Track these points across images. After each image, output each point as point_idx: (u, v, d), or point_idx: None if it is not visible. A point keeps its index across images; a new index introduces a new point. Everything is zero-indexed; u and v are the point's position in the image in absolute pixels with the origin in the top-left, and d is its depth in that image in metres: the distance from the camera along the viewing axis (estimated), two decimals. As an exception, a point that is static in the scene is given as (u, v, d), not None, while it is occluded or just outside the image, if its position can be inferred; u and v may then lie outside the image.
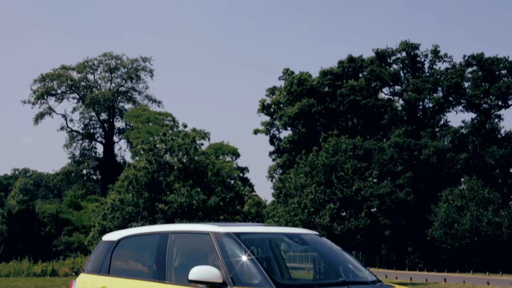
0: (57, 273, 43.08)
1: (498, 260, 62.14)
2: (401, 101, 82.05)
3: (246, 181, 79.92)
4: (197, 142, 40.07)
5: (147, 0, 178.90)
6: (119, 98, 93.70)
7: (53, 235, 69.03)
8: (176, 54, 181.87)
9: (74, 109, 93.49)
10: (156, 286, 7.28)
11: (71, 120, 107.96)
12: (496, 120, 77.95)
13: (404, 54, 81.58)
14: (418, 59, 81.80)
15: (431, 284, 37.09)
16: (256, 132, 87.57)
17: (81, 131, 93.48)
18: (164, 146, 38.02)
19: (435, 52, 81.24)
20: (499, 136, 76.73)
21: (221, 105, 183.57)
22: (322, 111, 77.66)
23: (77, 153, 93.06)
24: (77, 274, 38.26)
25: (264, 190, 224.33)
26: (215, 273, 6.53)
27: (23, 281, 35.30)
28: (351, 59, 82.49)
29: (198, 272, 6.53)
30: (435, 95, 78.69)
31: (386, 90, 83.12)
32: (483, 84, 77.52)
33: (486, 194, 63.77)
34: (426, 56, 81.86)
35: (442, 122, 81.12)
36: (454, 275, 53.08)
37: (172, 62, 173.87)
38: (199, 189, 35.98)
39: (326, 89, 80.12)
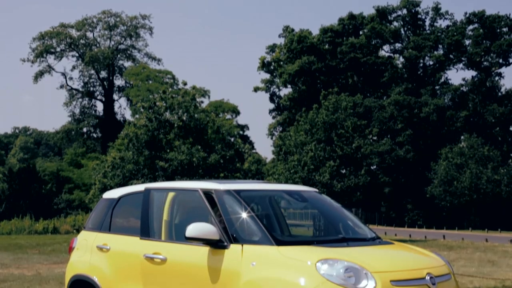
0: (59, 231, 43.32)
1: (497, 218, 62.46)
2: (401, 59, 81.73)
3: (246, 139, 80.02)
4: (197, 99, 39.87)
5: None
6: (119, 56, 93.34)
7: (54, 193, 69.20)
8: (175, 11, 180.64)
9: (74, 67, 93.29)
10: (153, 244, 7.33)
11: (71, 78, 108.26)
12: (496, 78, 77.84)
13: (405, 11, 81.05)
14: (419, 16, 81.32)
15: (430, 241, 37.30)
16: (256, 89, 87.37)
17: (80, 89, 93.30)
18: (164, 104, 37.89)
19: (436, 9, 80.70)
20: (500, 94, 76.64)
21: (221, 63, 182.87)
22: (322, 69, 77.35)
23: (77, 111, 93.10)
24: (78, 231, 38.44)
25: (264, 148, 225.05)
26: (211, 230, 6.54)
27: (24, 239, 35.49)
28: (351, 16, 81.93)
29: (194, 229, 6.53)
30: (435, 52, 78.35)
31: (386, 47, 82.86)
32: (484, 41, 77.16)
33: (485, 152, 63.89)
34: (427, 13, 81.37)
35: (442, 80, 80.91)
36: (453, 232, 53.38)
37: (172, 19, 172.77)
38: (199, 147, 35.96)
39: (326, 46, 79.73)
